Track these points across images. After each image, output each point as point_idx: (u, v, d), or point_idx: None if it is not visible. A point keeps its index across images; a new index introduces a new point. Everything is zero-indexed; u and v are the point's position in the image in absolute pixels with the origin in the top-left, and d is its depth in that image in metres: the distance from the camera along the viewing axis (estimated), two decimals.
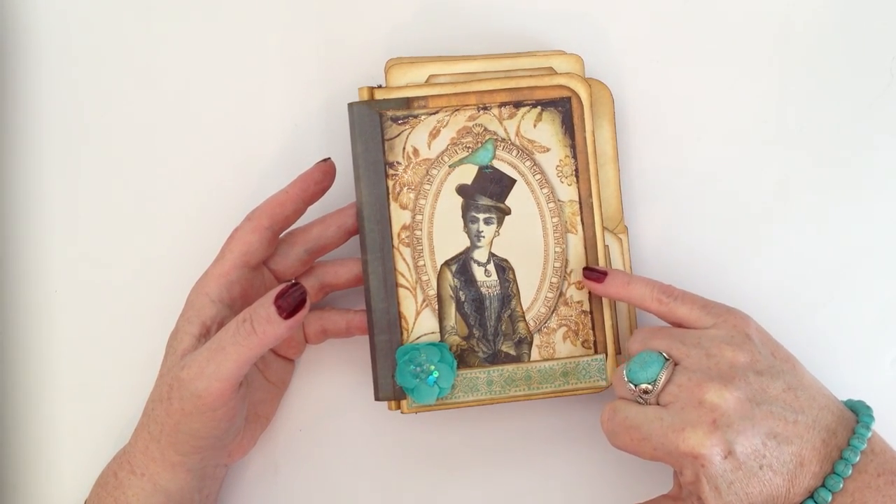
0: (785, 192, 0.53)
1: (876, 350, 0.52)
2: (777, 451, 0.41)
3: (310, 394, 0.53)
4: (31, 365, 0.53)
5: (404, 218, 0.48)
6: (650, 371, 0.43)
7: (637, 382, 0.43)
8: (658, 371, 0.43)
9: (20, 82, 0.54)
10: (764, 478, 0.41)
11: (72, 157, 0.53)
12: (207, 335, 0.45)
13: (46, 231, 0.53)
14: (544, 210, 0.48)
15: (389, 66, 0.48)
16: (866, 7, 0.53)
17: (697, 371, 0.42)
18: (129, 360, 0.52)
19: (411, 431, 0.52)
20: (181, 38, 0.54)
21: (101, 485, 0.47)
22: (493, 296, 0.48)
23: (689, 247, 0.47)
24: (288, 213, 0.47)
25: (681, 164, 0.53)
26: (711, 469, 0.40)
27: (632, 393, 0.43)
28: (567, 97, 0.48)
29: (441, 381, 0.47)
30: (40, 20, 0.54)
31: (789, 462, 0.41)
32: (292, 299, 0.43)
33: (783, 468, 0.41)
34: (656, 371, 0.43)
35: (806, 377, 0.43)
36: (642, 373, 0.43)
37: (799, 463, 0.41)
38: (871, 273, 0.52)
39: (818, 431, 0.41)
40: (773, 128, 0.53)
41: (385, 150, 0.48)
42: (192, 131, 0.53)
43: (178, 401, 0.43)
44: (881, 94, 0.53)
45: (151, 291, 0.53)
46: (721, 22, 0.53)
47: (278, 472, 0.52)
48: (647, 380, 0.43)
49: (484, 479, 0.52)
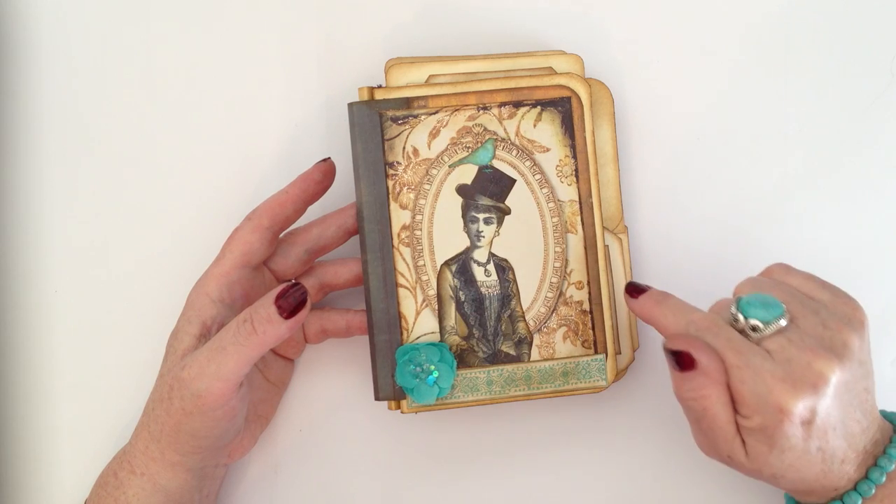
0: (785, 192, 0.53)
1: (876, 350, 0.52)
2: (836, 441, 0.41)
3: (310, 394, 0.53)
4: (31, 365, 0.53)
5: (404, 218, 0.48)
6: (769, 312, 0.41)
7: (749, 316, 0.41)
8: (777, 315, 0.41)
9: (20, 82, 0.54)
10: (812, 459, 0.41)
11: (72, 157, 0.53)
12: (208, 335, 0.45)
13: (46, 231, 0.53)
14: (544, 210, 0.48)
15: (389, 66, 0.48)
16: (866, 7, 0.53)
17: (812, 336, 0.41)
18: (129, 359, 0.52)
19: (411, 431, 0.52)
20: (181, 38, 0.54)
21: (101, 484, 0.47)
22: (492, 296, 0.48)
23: (689, 247, 0.47)
24: (288, 213, 0.47)
25: (681, 164, 0.53)
26: (785, 427, 0.40)
27: (735, 324, 0.41)
28: (567, 97, 0.48)
29: (441, 381, 0.47)
30: (40, 21, 0.54)
31: (836, 455, 0.41)
32: (293, 299, 0.43)
33: (830, 459, 0.41)
34: (775, 314, 0.41)
35: (873, 382, 0.43)
36: (760, 310, 0.41)
37: (841, 460, 0.41)
38: (871, 273, 0.52)
39: (864, 436, 0.42)
40: (773, 128, 0.53)
41: (385, 150, 0.48)
42: (192, 131, 0.53)
43: (179, 401, 0.43)
44: (881, 94, 0.53)
45: (151, 291, 0.53)
46: (721, 22, 0.53)
47: (278, 472, 0.52)
48: (762, 318, 0.41)
49: (484, 479, 0.52)
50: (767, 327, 0.41)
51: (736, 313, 0.41)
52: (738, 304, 0.41)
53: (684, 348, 0.41)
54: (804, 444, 0.40)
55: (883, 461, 0.41)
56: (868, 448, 0.42)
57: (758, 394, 0.40)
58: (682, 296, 0.52)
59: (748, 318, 0.41)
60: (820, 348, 0.40)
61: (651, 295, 0.44)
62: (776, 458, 0.41)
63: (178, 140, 0.53)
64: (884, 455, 0.42)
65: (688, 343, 0.41)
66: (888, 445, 0.42)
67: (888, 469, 0.41)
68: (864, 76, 0.53)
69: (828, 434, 0.41)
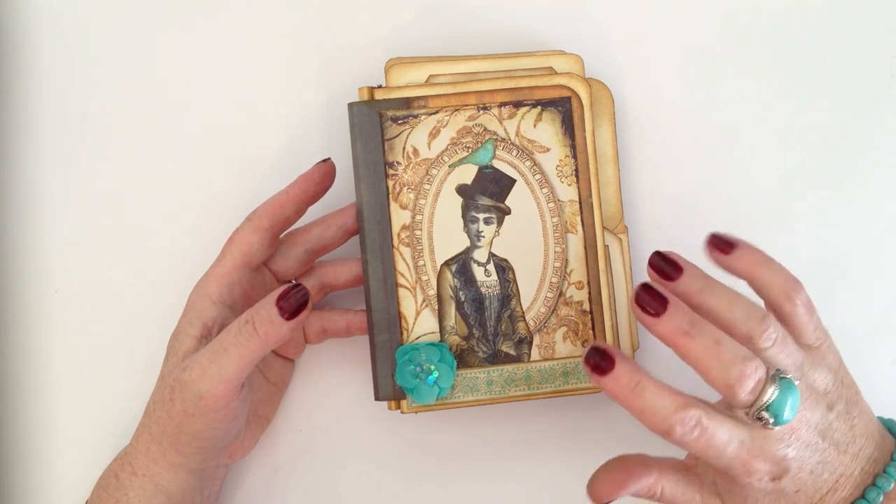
0: (785, 192, 0.53)
1: (876, 350, 0.52)
2: (817, 479, 0.40)
3: (310, 394, 0.53)
4: (31, 365, 0.53)
5: (404, 218, 0.48)
6: (790, 415, 0.38)
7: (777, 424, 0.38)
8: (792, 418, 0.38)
9: (21, 82, 0.54)
10: (794, 498, 0.40)
11: (72, 157, 0.53)
12: (208, 336, 0.45)
13: (46, 231, 0.53)
14: (544, 210, 0.48)
15: (389, 66, 0.48)
16: (866, 7, 0.53)
17: None
18: (129, 360, 0.52)
19: (411, 431, 0.52)
20: (181, 39, 0.54)
21: (102, 486, 0.47)
22: (492, 296, 0.48)
23: (689, 247, 0.47)
24: (288, 213, 0.47)
25: (681, 164, 0.53)
26: (753, 487, 0.40)
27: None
28: (567, 97, 0.48)
29: (441, 381, 0.47)
30: (40, 21, 0.54)
31: (823, 488, 0.40)
32: (294, 300, 0.43)
33: (815, 493, 0.41)
34: (791, 418, 0.38)
35: (862, 403, 0.42)
36: (787, 415, 0.38)
37: (833, 489, 0.41)
38: (871, 273, 0.52)
39: (859, 461, 0.41)
40: (773, 128, 0.53)
41: (385, 150, 0.48)
42: (192, 131, 0.53)
43: (180, 402, 0.43)
44: (881, 94, 0.53)
45: (152, 292, 0.53)
46: (721, 22, 0.53)
47: (278, 472, 0.52)
48: (781, 420, 0.38)
49: (484, 479, 0.52)
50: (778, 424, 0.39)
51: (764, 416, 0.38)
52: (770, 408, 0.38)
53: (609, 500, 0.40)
54: (780, 492, 0.40)
55: (881, 481, 0.41)
56: (865, 468, 0.41)
57: (729, 468, 0.39)
58: None
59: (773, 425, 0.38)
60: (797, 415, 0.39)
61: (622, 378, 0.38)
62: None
63: (178, 140, 0.53)
64: (883, 474, 0.41)
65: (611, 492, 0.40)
66: (888, 464, 0.41)
67: (886, 489, 0.40)
68: (864, 76, 0.53)
69: (804, 478, 0.40)
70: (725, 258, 0.42)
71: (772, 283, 0.41)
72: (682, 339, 0.38)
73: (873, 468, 0.41)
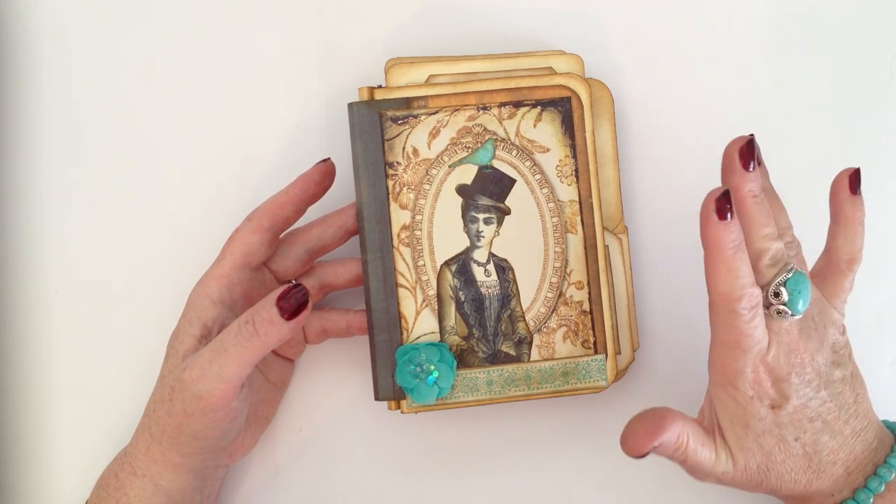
0: (784, 193, 0.53)
1: (876, 350, 0.52)
2: (818, 436, 0.41)
3: (310, 394, 0.53)
4: (31, 365, 0.53)
5: (404, 218, 0.48)
6: (803, 306, 0.41)
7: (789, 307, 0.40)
8: (804, 311, 0.41)
9: (20, 82, 0.54)
10: (792, 449, 0.41)
11: (72, 157, 0.53)
12: (208, 336, 0.45)
13: (46, 231, 0.53)
14: (544, 210, 0.48)
15: (389, 66, 0.48)
16: (866, 7, 0.53)
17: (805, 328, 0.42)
18: (129, 360, 0.52)
19: (411, 431, 0.52)
20: (181, 39, 0.54)
21: (102, 486, 0.47)
22: (492, 296, 0.48)
23: (689, 247, 0.47)
24: (288, 213, 0.47)
25: (681, 164, 0.53)
26: (755, 407, 0.41)
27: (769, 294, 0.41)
28: (567, 97, 0.48)
29: (441, 381, 0.47)
30: (40, 21, 0.54)
31: (822, 452, 0.41)
32: (294, 300, 0.43)
33: (814, 454, 0.41)
34: (803, 311, 0.41)
35: (866, 390, 0.44)
36: (800, 304, 0.41)
37: (832, 461, 0.41)
38: (871, 273, 0.52)
39: (860, 441, 0.42)
40: (773, 128, 0.53)
41: (385, 150, 0.48)
42: (192, 131, 0.53)
43: (181, 402, 0.43)
44: (881, 94, 0.53)
45: (152, 292, 0.53)
46: (721, 22, 0.53)
47: (278, 472, 0.52)
48: (794, 311, 0.41)
49: (484, 479, 0.52)
50: (789, 317, 0.41)
51: (781, 291, 0.41)
52: (788, 284, 0.40)
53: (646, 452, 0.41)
54: (778, 431, 0.41)
55: (882, 470, 0.41)
56: (865, 454, 0.42)
57: (740, 373, 0.41)
58: (682, 296, 0.52)
59: (787, 307, 0.41)
60: (804, 339, 0.41)
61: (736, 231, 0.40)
62: (753, 441, 0.41)
63: (178, 140, 0.53)
64: (884, 464, 0.42)
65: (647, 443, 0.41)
66: (889, 455, 0.42)
67: (887, 479, 0.41)
68: (864, 76, 0.53)
69: (804, 424, 0.41)
70: (848, 194, 0.44)
71: (852, 242, 0.44)
72: (751, 200, 0.41)
73: (873, 456, 0.42)
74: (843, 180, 0.44)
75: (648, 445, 0.40)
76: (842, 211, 0.44)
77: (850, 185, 0.44)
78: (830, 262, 0.45)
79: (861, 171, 0.44)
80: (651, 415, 0.42)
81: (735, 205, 0.40)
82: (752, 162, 0.41)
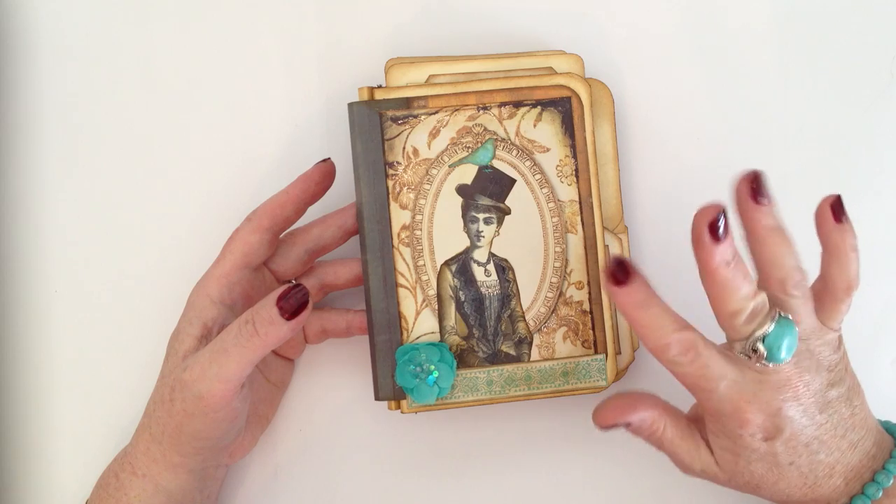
0: (784, 193, 0.53)
1: (876, 350, 0.52)
2: (813, 457, 0.41)
3: (310, 394, 0.53)
4: (31, 365, 0.53)
5: (404, 218, 0.48)
6: (787, 353, 0.39)
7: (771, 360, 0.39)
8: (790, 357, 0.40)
9: (21, 82, 0.54)
10: (786, 472, 0.41)
11: (72, 157, 0.53)
12: (209, 336, 0.45)
13: (46, 231, 0.53)
14: (544, 210, 0.48)
15: (389, 66, 0.48)
16: (866, 7, 0.53)
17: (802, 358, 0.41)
18: (129, 360, 0.52)
19: (411, 431, 0.52)
20: (181, 39, 0.54)
21: (102, 486, 0.47)
22: (492, 296, 0.48)
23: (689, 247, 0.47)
24: (288, 213, 0.47)
25: (681, 164, 0.53)
26: (746, 440, 0.40)
27: (745, 348, 0.40)
28: (567, 97, 0.48)
29: (441, 381, 0.47)
30: (40, 21, 0.54)
31: (817, 471, 0.41)
32: (294, 300, 0.43)
33: (810, 474, 0.41)
34: (789, 357, 0.40)
35: (864, 398, 0.43)
36: (783, 352, 0.39)
37: (828, 474, 0.41)
38: (871, 273, 0.52)
39: (857, 453, 0.42)
40: (773, 128, 0.53)
41: (385, 150, 0.48)
42: (192, 132, 0.53)
43: (181, 402, 0.43)
44: (881, 94, 0.53)
45: (152, 292, 0.53)
46: (721, 22, 0.53)
47: (278, 472, 0.52)
48: (776, 360, 0.39)
49: (484, 479, 0.52)
50: (774, 364, 0.40)
51: (758, 347, 0.40)
52: (766, 340, 0.39)
53: (612, 425, 0.41)
54: (772, 458, 0.41)
55: (880, 477, 0.41)
56: (863, 462, 0.42)
57: (720, 411, 0.40)
58: (682, 296, 0.52)
59: (767, 361, 0.40)
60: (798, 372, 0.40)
61: (635, 293, 0.40)
62: (744, 467, 0.41)
63: (178, 140, 0.53)
64: (882, 471, 0.41)
65: (614, 418, 0.41)
66: (887, 461, 0.42)
67: (885, 485, 0.41)
68: (864, 76, 0.53)
69: (799, 450, 0.41)
70: (833, 224, 0.42)
71: (846, 271, 0.42)
72: (724, 269, 0.39)
73: (871, 463, 0.42)
74: (825, 211, 0.43)
75: (612, 420, 0.41)
76: (830, 241, 0.43)
77: (834, 214, 0.43)
78: (827, 289, 0.43)
79: (842, 198, 0.43)
80: (628, 395, 0.42)
81: (706, 276, 0.40)
82: (720, 231, 0.40)
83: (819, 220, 0.43)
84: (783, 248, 0.41)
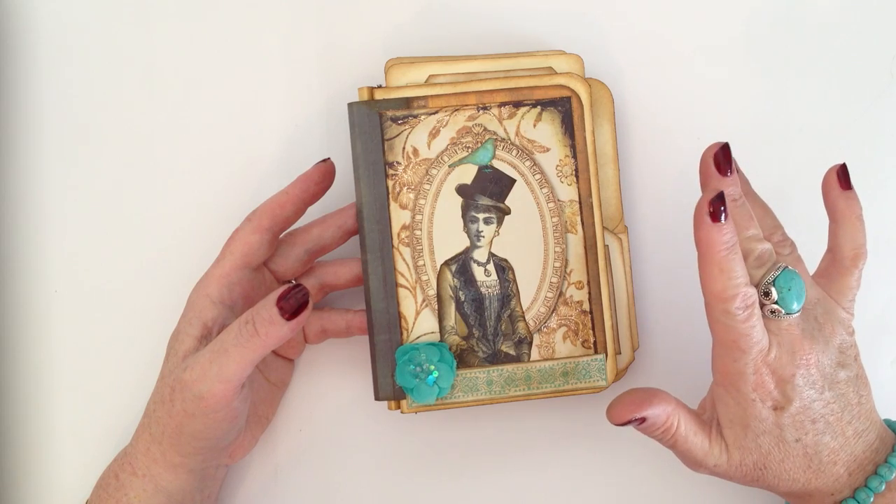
0: (784, 193, 0.53)
1: (876, 350, 0.52)
2: (819, 437, 0.41)
3: (310, 394, 0.53)
4: (31, 365, 0.53)
5: (404, 218, 0.48)
6: (797, 305, 0.41)
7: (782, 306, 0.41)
8: (799, 310, 0.41)
9: (20, 82, 0.54)
10: (792, 450, 0.41)
11: (72, 157, 0.53)
12: (209, 336, 0.45)
13: (46, 231, 0.53)
14: (544, 210, 0.48)
15: (389, 66, 0.48)
16: (866, 7, 0.53)
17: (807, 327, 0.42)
18: (129, 360, 0.52)
19: (411, 431, 0.52)
20: (181, 39, 0.54)
21: (102, 486, 0.47)
22: (492, 296, 0.48)
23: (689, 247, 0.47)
24: (288, 213, 0.47)
25: (681, 164, 0.53)
26: (757, 408, 0.41)
27: (761, 294, 0.41)
28: (567, 97, 0.48)
29: (441, 380, 0.47)
30: (40, 21, 0.54)
31: (822, 453, 0.42)
32: (295, 300, 0.43)
33: (814, 455, 0.41)
34: (798, 309, 0.41)
35: (870, 391, 0.44)
36: (793, 303, 0.41)
37: (832, 461, 0.42)
38: (871, 273, 0.52)
39: (861, 442, 0.42)
40: (773, 128, 0.53)
41: (385, 150, 0.48)
42: (192, 132, 0.53)
43: (181, 402, 0.43)
44: (881, 94, 0.53)
45: (152, 292, 0.53)
46: (721, 22, 0.53)
47: (278, 472, 0.52)
48: (788, 311, 0.41)
49: (484, 479, 0.52)
50: (784, 317, 0.41)
51: (771, 290, 0.41)
52: (776, 282, 0.41)
53: (627, 421, 0.42)
54: (779, 432, 0.41)
55: (883, 470, 0.42)
56: (866, 454, 0.42)
57: (742, 373, 0.41)
58: (682, 296, 0.52)
59: (778, 305, 0.41)
60: (808, 340, 0.41)
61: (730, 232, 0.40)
62: (752, 441, 0.42)
63: (178, 140, 0.53)
64: (885, 464, 0.42)
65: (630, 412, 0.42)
66: (890, 454, 0.42)
67: (888, 478, 0.41)
68: (863, 76, 0.53)
69: (806, 426, 0.41)
70: (840, 191, 0.45)
71: (854, 238, 0.44)
72: (730, 203, 0.41)
73: (874, 456, 0.42)
74: (831, 178, 0.45)
75: (628, 415, 0.42)
76: (837, 208, 0.45)
77: (840, 181, 0.45)
78: (835, 260, 0.45)
79: (848, 166, 0.45)
80: (642, 391, 0.43)
81: None
82: (727, 166, 0.42)
83: (826, 187, 0.45)
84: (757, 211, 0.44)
